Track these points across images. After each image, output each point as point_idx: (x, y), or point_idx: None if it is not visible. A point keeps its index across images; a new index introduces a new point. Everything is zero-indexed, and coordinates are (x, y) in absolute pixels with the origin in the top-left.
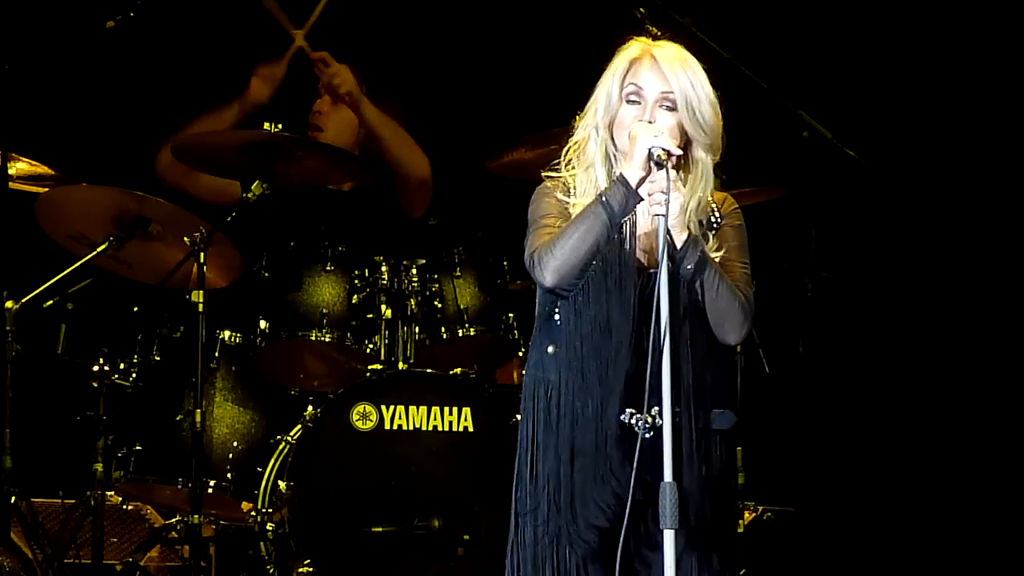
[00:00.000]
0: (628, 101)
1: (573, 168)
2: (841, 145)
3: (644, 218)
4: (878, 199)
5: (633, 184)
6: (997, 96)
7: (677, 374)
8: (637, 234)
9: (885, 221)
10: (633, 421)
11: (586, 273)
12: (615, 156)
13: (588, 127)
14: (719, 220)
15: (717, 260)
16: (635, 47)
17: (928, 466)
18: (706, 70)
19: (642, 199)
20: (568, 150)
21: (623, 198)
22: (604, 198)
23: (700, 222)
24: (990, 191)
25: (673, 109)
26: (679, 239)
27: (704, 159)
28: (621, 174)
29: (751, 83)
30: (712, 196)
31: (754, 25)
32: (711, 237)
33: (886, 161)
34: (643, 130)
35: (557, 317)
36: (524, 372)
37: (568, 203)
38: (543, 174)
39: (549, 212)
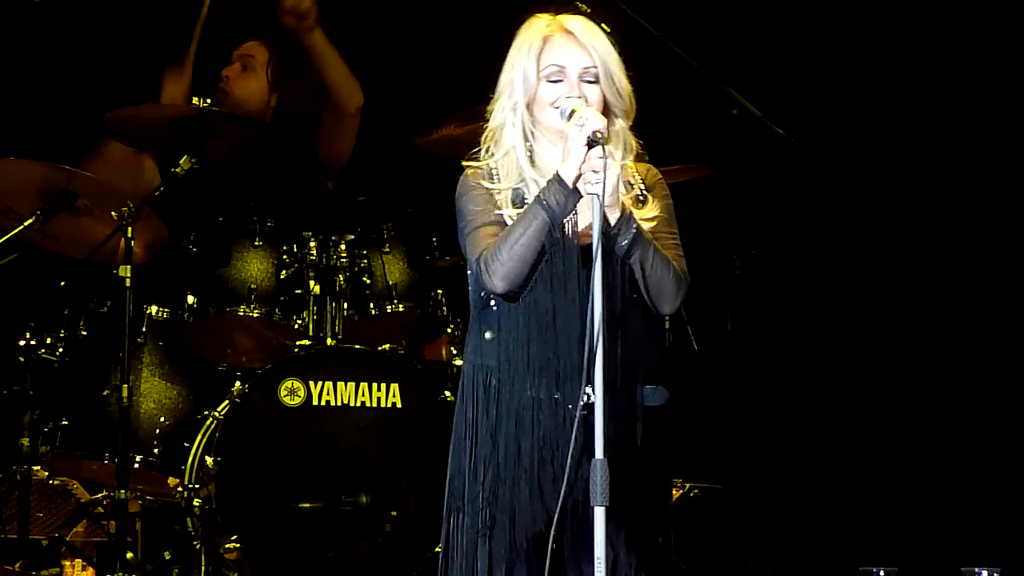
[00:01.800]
0: (549, 80)
1: (492, 154)
2: (770, 123)
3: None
4: (806, 177)
5: (570, 182)
6: (923, 69)
7: (609, 351)
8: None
9: (813, 199)
10: (563, 399)
11: (535, 273)
12: (534, 134)
13: (504, 109)
14: (644, 190)
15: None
16: (541, 23)
17: (853, 441)
18: (633, 46)
19: (581, 196)
20: (485, 136)
21: (562, 198)
22: (544, 200)
23: (630, 195)
24: (917, 164)
25: (595, 82)
26: (613, 216)
27: (623, 126)
28: (557, 173)
29: (681, 61)
30: (634, 165)
31: (683, 1)
32: (636, 208)
33: (814, 138)
34: (573, 128)
35: (493, 304)
36: (463, 359)
37: (494, 189)
38: (463, 163)
39: (480, 207)
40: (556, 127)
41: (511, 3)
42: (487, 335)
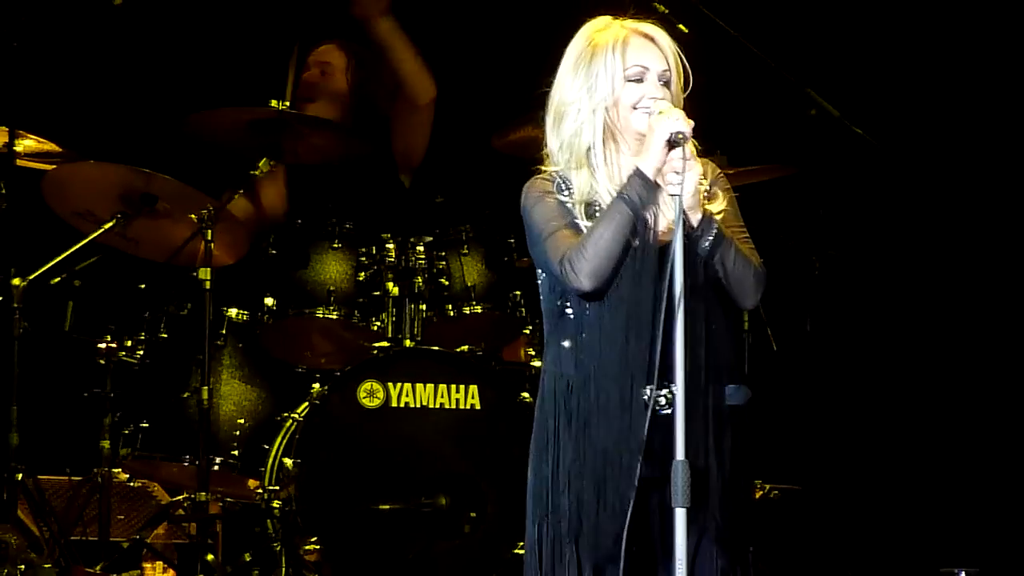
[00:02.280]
0: (631, 80)
1: (557, 164)
2: (849, 123)
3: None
4: (885, 177)
5: (651, 175)
6: (1004, 76)
7: (692, 351)
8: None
9: (892, 199)
10: (650, 397)
11: (620, 270)
12: (615, 138)
13: (584, 111)
14: (709, 186)
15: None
16: (616, 27)
17: (935, 445)
18: (711, 46)
19: (661, 189)
20: (559, 147)
21: (644, 192)
22: (626, 195)
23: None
24: (996, 169)
25: (667, 85)
26: (695, 217)
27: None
28: (637, 168)
29: (759, 61)
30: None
31: (761, 2)
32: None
33: (893, 139)
34: (660, 120)
35: (569, 311)
36: (542, 368)
37: (569, 203)
38: (534, 170)
39: (553, 213)
40: (636, 129)
41: (590, 2)
42: (565, 343)
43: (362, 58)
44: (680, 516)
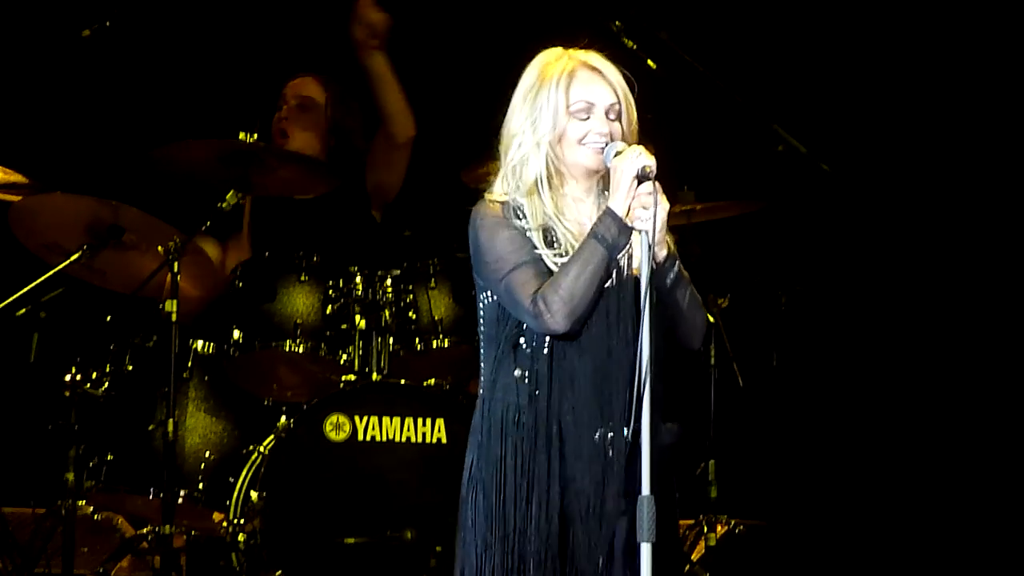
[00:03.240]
0: (577, 117)
1: (507, 191)
2: (815, 159)
3: (580, 229)
4: (852, 213)
5: (622, 215)
6: (970, 111)
7: (655, 390)
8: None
9: (858, 235)
10: (606, 438)
11: (593, 311)
12: (558, 172)
13: (526, 144)
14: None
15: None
16: (564, 59)
17: (901, 479)
18: (679, 82)
19: (634, 228)
20: (504, 173)
21: (617, 231)
22: (599, 234)
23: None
24: (962, 204)
25: (617, 119)
26: (661, 253)
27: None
28: (609, 207)
29: (727, 97)
30: None
31: (729, 39)
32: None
33: (859, 175)
34: (624, 158)
35: (524, 343)
36: (482, 395)
37: (526, 229)
38: (486, 196)
39: (514, 247)
40: (583, 164)
41: (556, 39)
42: (516, 373)
43: (339, 94)
44: (645, 551)
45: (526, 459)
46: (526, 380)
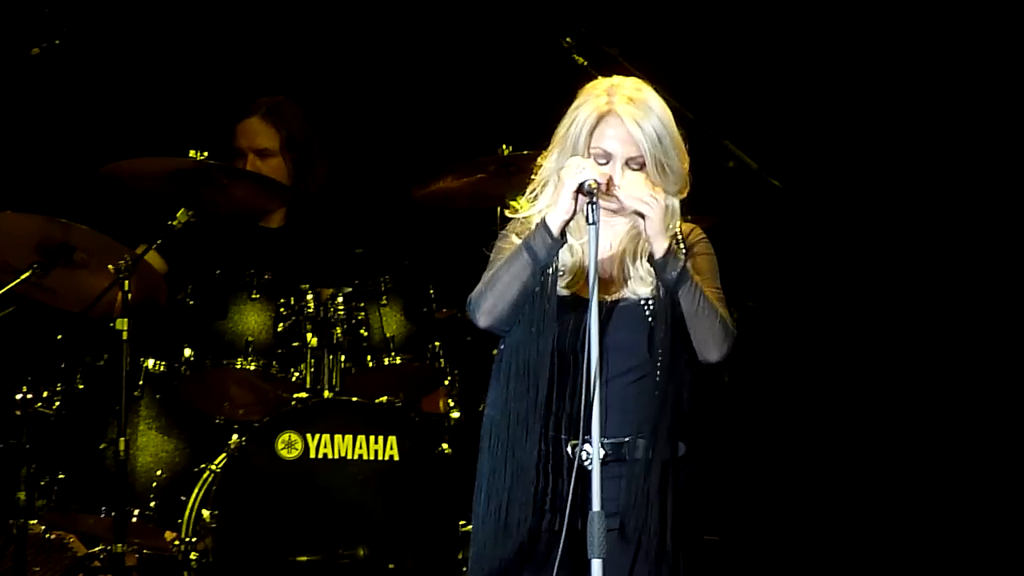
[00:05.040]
0: (596, 161)
1: (527, 209)
2: (766, 175)
3: (603, 249)
4: (803, 228)
5: (556, 229)
6: (919, 125)
7: (614, 403)
8: (598, 260)
9: (809, 250)
10: (573, 450)
11: (518, 314)
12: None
13: (550, 170)
14: (685, 250)
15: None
16: (602, 97)
17: (852, 494)
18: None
19: (564, 243)
20: (533, 185)
21: (545, 244)
22: (529, 243)
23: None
24: (914, 217)
25: (640, 168)
26: (660, 247)
27: (671, 201)
28: (544, 219)
29: (677, 112)
30: (682, 228)
31: (679, 54)
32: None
33: (811, 190)
34: (567, 172)
35: (501, 352)
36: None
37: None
38: (508, 208)
39: (500, 256)
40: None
41: (510, 56)
42: (498, 384)
43: (291, 120)
44: (596, 567)
45: (487, 473)
46: (500, 391)
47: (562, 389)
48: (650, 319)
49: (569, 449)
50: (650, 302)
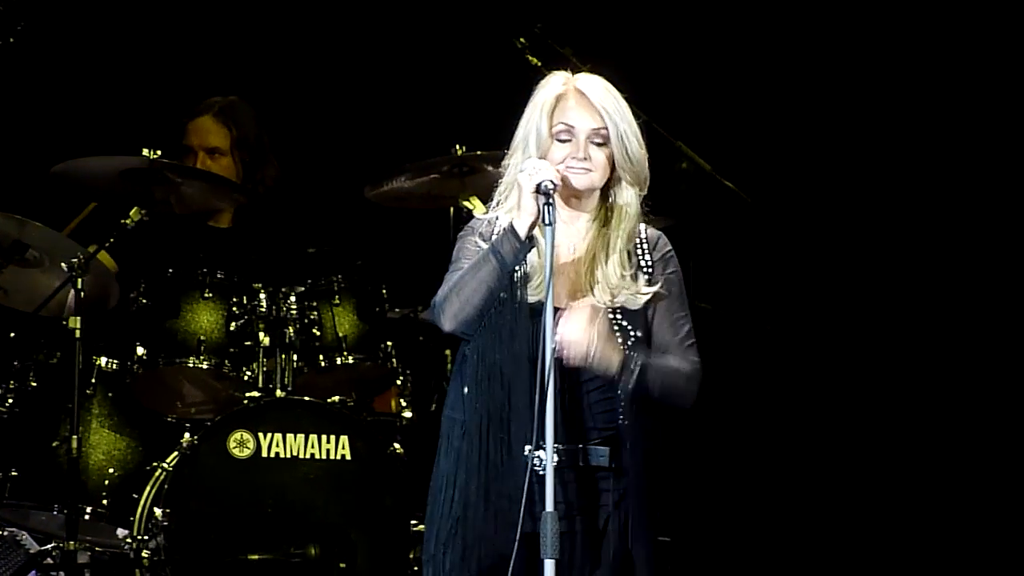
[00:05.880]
0: (558, 140)
1: (494, 207)
2: (719, 177)
3: (566, 252)
4: (756, 230)
5: (522, 232)
6: (878, 124)
7: (572, 409)
8: (557, 263)
9: (763, 252)
10: (533, 457)
11: (484, 318)
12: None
13: (516, 166)
14: (651, 265)
15: (661, 306)
16: (557, 82)
17: (806, 496)
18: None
19: (533, 246)
20: (500, 191)
21: (512, 248)
22: (494, 247)
23: (629, 264)
24: (868, 220)
25: (604, 144)
26: (613, 369)
27: (631, 191)
28: (511, 224)
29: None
30: (647, 233)
31: (633, 55)
32: (641, 279)
33: (765, 192)
34: (524, 176)
35: (467, 355)
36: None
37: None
38: (476, 213)
39: (464, 256)
40: (567, 187)
41: (463, 56)
42: (465, 390)
43: (243, 120)
44: (549, 567)
45: (455, 475)
46: (468, 394)
47: (531, 395)
48: (616, 330)
49: (539, 454)
50: (616, 312)
